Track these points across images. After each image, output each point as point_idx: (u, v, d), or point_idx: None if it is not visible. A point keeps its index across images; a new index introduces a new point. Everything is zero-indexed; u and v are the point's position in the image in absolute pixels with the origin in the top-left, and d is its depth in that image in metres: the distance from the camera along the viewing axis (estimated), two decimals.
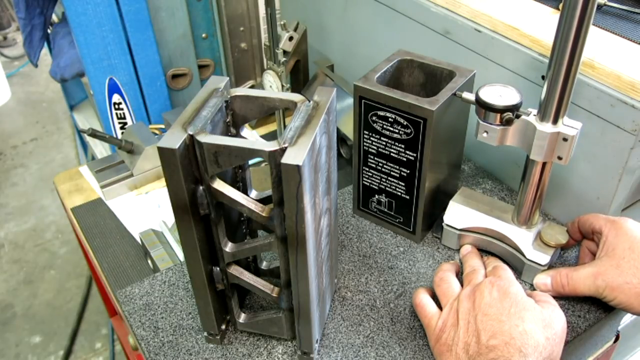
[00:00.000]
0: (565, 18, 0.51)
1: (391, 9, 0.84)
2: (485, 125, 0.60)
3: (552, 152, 0.58)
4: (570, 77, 0.54)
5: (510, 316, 0.52)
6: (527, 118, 0.58)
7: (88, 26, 0.87)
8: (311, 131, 0.46)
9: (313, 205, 0.48)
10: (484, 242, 0.69)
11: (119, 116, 1.00)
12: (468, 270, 0.63)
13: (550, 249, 0.64)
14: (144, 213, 0.82)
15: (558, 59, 0.54)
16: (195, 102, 0.50)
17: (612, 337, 0.74)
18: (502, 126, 0.59)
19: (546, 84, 0.56)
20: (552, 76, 0.55)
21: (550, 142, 0.57)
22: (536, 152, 0.59)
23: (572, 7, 0.50)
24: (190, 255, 0.52)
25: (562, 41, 0.53)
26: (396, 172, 0.68)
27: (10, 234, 2.07)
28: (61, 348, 1.68)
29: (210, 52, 1.05)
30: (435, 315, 0.58)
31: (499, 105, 0.58)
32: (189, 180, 0.47)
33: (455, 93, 0.63)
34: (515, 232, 0.66)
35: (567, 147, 0.57)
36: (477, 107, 0.60)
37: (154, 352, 0.59)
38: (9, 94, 2.83)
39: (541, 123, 0.57)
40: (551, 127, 0.57)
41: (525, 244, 0.65)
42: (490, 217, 0.68)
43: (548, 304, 0.56)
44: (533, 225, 0.66)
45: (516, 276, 0.67)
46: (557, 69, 0.54)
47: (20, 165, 2.41)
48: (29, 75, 3.02)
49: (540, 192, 0.63)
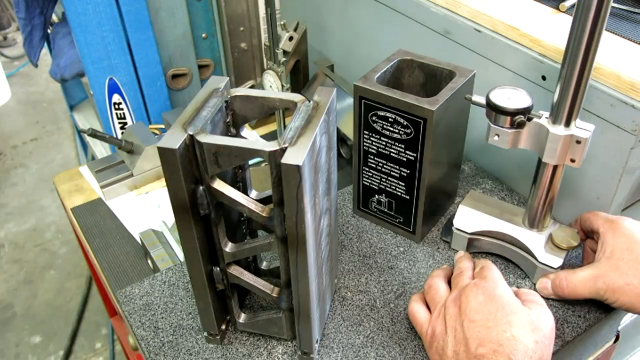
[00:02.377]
0: (579, 20, 0.51)
1: (391, 9, 0.84)
2: (496, 128, 0.59)
3: (564, 154, 0.58)
4: (584, 79, 0.54)
5: (497, 321, 0.51)
6: (539, 121, 0.58)
7: (88, 26, 0.87)
8: (311, 131, 0.46)
9: (313, 205, 0.48)
10: (494, 246, 0.68)
11: (119, 116, 1.00)
12: (456, 272, 0.62)
13: (562, 252, 0.63)
14: (144, 213, 0.82)
15: (571, 61, 0.53)
16: (195, 102, 0.50)
17: (612, 337, 0.74)
18: (514, 129, 0.58)
19: (559, 87, 0.55)
20: (565, 79, 0.54)
21: (563, 145, 0.57)
22: (549, 155, 0.58)
23: (585, 9, 0.49)
24: (190, 255, 0.52)
25: (575, 44, 0.52)
26: (396, 172, 0.68)
27: (10, 234, 2.07)
28: (61, 348, 1.68)
29: (210, 52, 1.05)
30: (426, 322, 0.57)
31: (511, 108, 0.57)
32: (189, 180, 0.47)
33: (465, 97, 0.62)
34: (527, 235, 0.65)
35: (580, 150, 0.57)
36: (487, 110, 0.59)
37: (154, 352, 0.59)
38: (9, 94, 2.83)
39: (553, 126, 0.57)
40: (564, 129, 0.57)
41: (537, 247, 0.64)
42: (501, 221, 0.67)
43: (535, 304, 0.55)
44: (544, 228, 0.65)
45: (522, 277, 0.67)
46: (570, 72, 0.54)
47: (20, 165, 2.41)
48: (29, 75, 3.02)
49: (552, 195, 0.62)
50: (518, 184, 0.79)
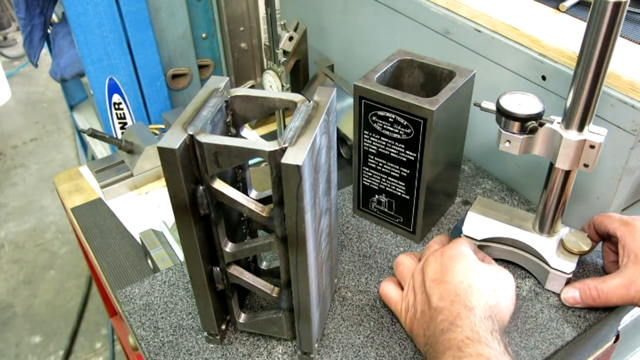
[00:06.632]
0: (593, 25, 0.50)
1: (391, 9, 0.84)
2: (507, 134, 0.58)
3: (578, 160, 0.57)
4: (598, 84, 0.53)
5: (455, 275, 0.53)
6: (551, 126, 0.57)
7: (88, 26, 0.87)
8: (311, 131, 0.46)
9: (313, 205, 0.48)
10: (505, 252, 0.67)
11: (119, 116, 1.00)
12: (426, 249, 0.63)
13: (574, 257, 0.63)
14: (144, 213, 0.82)
15: (584, 66, 0.52)
16: (195, 102, 0.50)
17: (612, 337, 0.74)
18: (526, 135, 0.57)
19: (572, 92, 0.54)
20: (578, 84, 0.53)
21: (577, 150, 0.56)
22: (562, 160, 0.57)
23: (600, 14, 0.49)
24: (190, 255, 0.52)
25: (589, 48, 0.51)
26: (396, 172, 0.68)
27: (10, 234, 2.07)
28: (61, 348, 1.68)
29: (210, 52, 1.05)
30: (399, 299, 0.59)
31: (523, 113, 0.56)
32: (189, 180, 0.47)
33: (474, 103, 0.62)
34: (538, 240, 0.65)
35: (594, 155, 0.56)
36: (497, 115, 0.58)
37: (154, 352, 0.59)
38: (9, 94, 2.83)
39: (566, 131, 0.56)
40: (577, 134, 0.56)
41: (549, 252, 0.63)
42: (511, 227, 0.66)
43: (495, 264, 0.58)
44: (555, 233, 0.65)
45: (536, 284, 0.67)
46: (583, 77, 0.53)
47: (20, 165, 2.41)
48: (29, 75, 3.02)
49: (564, 200, 0.62)
50: (518, 184, 0.79)
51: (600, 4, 0.48)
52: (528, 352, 0.59)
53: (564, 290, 0.63)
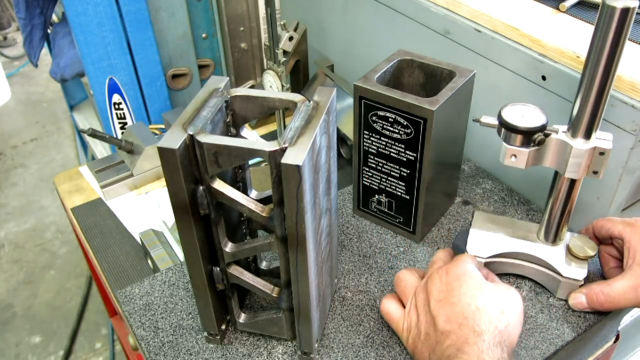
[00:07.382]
0: (601, 31, 0.49)
1: (391, 9, 0.84)
2: (513, 149, 0.56)
3: (587, 168, 0.56)
4: (605, 91, 0.52)
5: (462, 296, 0.51)
6: (557, 136, 0.55)
7: (88, 26, 0.87)
8: (311, 131, 0.46)
9: (313, 205, 0.48)
10: (512, 266, 0.65)
11: (119, 116, 1.00)
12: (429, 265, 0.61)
13: (584, 262, 0.62)
14: (144, 213, 0.82)
15: (591, 73, 0.51)
16: (195, 102, 0.50)
17: (612, 337, 0.74)
18: (532, 148, 0.56)
19: (578, 99, 0.53)
20: (585, 91, 0.53)
21: (587, 159, 0.55)
22: (572, 170, 0.56)
23: (607, 19, 0.48)
24: (190, 255, 0.52)
25: (596, 55, 0.50)
26: (396, 172, 0.68)
27: (10, 234, 2.07)
28: (61, 348, 1.68)
29: (210, 52, 1.05)
30: (401, 318, 0.57)
31: (530, 126, 0.55)
32: (189, 180, 0.47)
33: (473, 119, 0.60)
34: (546, 250, 0.63)
35: (604, 161, 0.55)
36: (501, 130, 0.56)
37: (154, 352, 0.59)
38: (9, 94, 2.83)
39: (573, 139, 0.55)
40: (584, 142, 0.55)
41: (559, 261, 0.62)
42: (516, 239, 0.65)
43: (502, 284, 0.56)
44: (560, 241, 0.64)
45: (548, 295, 0.66)
46: (590, 83, 0.52)
47: (20, 165, 2.41)
48: (29, 75, 3.02)
49: (570, 208, 0.61)
50: (518, 184, 0.79)
51: (607, 9, 0.47)
52: (528, 352, 0.59)
53: (571, 297, 0.62)
